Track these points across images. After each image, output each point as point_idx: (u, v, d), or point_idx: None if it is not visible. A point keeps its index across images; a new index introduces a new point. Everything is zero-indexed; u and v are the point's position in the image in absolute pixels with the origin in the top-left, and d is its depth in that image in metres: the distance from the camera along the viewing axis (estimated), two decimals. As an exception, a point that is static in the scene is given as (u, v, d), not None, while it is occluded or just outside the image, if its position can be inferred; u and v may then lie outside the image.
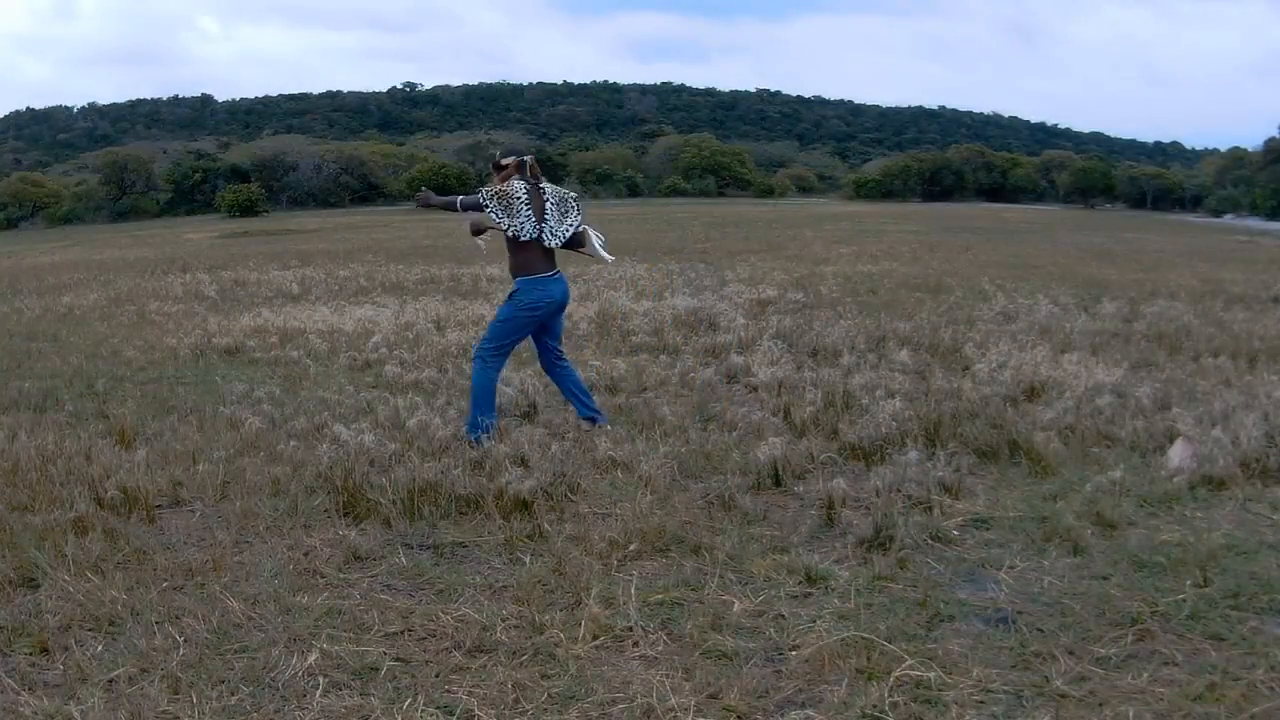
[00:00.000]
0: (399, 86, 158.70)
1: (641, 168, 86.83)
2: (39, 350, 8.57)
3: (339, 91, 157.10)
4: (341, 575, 3.48)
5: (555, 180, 6.54)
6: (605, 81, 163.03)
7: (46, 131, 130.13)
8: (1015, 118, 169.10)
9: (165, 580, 3.42)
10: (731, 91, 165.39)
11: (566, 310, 5.52)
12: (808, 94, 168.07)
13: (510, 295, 5.17)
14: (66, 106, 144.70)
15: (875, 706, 2.55)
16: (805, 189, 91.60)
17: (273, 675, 2.75)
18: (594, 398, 6.08)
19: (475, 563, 3.63)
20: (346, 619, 3.12)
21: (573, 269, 16.10)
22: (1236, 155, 75.00)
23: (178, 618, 3.10)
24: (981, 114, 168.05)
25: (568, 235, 5.19)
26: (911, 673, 2.70)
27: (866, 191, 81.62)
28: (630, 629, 3.01)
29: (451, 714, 2.58)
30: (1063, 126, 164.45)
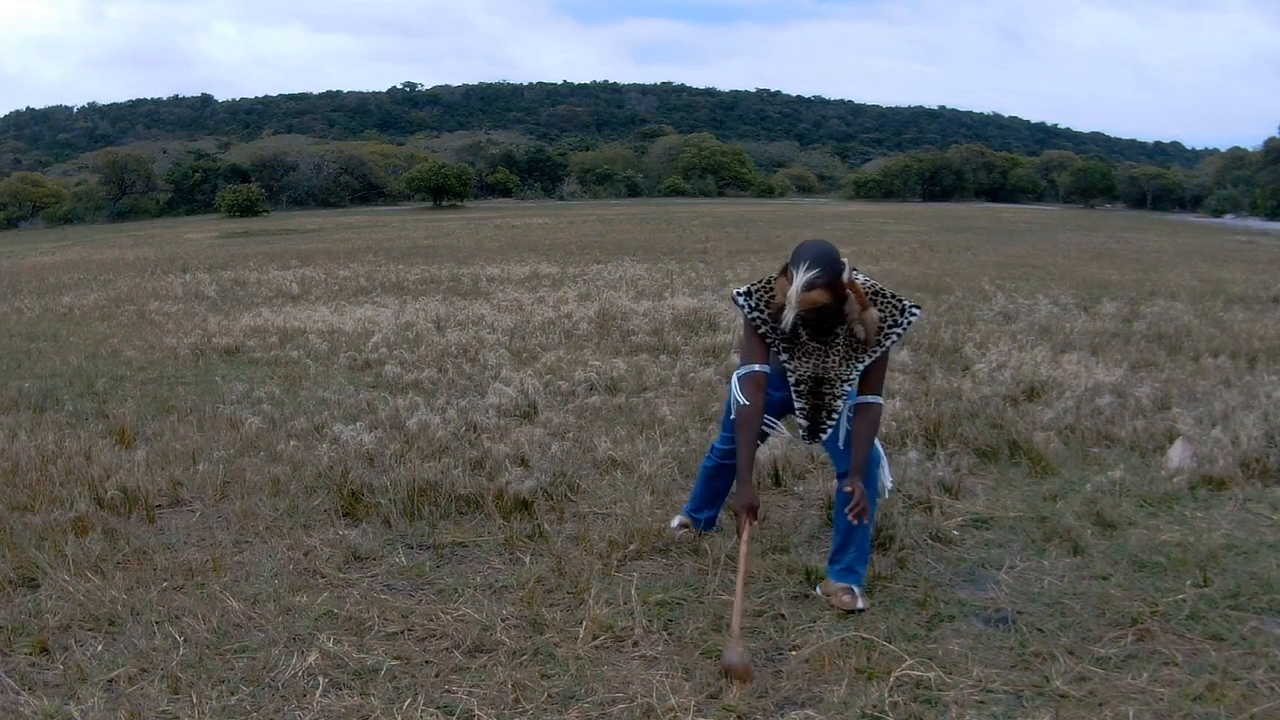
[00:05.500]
0: (399, 86, 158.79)
1: (641, 168, 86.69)
2: (39, 350, 8.57)
3: (339, 91, 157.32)
4: (341, 575, 3.48)
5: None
6: (605, 81, 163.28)
7: (46, 131, 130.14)
8: (1015, 118, 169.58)
9: (165, 580, 3.42)
10: (731, 91, 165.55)
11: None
12: (807, 94, 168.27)
13: None
14: (66, 106, 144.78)
15: (875, 706, 2.55)
16: (805, 189, 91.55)
17: (273, 675, 2.75)
18: (594, 398, 6.08)
19: (475, 563, 3.63)
20: (346, 619, 3.12)
21: (572, 269, 16.10)
22: (1236, 155, 74.91)
23: (178, 618, 3.09)
24: (981, 114, 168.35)
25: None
26: (911, 673, 2.70)
27: (866, 191, 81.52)
28: (630, 629, 3.01)
29: (451, 714, 2.58)
30: (1063, 126, 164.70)
